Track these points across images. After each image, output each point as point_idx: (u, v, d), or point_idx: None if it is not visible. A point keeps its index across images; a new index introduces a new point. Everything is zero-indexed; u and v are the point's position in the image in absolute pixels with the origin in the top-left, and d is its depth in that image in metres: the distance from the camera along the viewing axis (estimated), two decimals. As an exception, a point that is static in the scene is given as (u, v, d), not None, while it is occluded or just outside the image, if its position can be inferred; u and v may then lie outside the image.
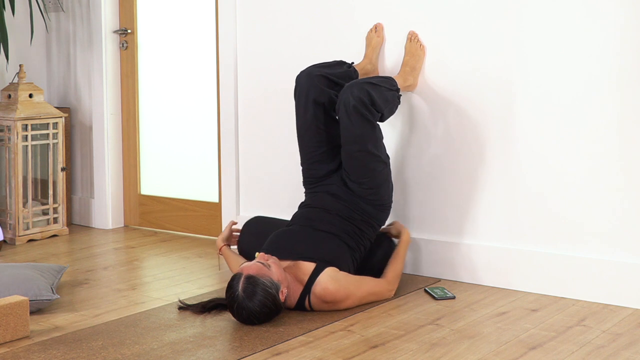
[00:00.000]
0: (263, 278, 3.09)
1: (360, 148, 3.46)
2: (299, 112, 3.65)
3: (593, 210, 3.45)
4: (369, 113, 3.44)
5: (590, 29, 3.40)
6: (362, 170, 3.50)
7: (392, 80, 3.63)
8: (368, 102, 3.43)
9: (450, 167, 3.79)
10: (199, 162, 4.80)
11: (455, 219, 3.79)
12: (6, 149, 4.70)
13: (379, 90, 3.49)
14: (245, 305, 3.07)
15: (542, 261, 3.56)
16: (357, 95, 3.41)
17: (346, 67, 3.76)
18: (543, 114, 3.53)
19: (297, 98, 3.64)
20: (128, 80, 5.02)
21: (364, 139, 3.45)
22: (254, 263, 3.15)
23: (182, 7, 4.82)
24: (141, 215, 5.04)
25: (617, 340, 2.97)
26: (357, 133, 3.44)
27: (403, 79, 3.74)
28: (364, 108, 3.42)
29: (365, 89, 3.44)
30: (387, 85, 3.57)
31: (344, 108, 3.44)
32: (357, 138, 3.45)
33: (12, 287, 3.28)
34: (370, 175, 3.50)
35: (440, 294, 3.51)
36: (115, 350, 2.88)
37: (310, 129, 3.63)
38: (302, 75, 3.63)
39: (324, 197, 3.59)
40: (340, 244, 3.42)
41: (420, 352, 2.85)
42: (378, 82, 3.54)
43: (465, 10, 3.69)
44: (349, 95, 3.42)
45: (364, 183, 3.51)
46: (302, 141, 3.68)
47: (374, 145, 3.48)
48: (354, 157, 3.49)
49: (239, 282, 3.09)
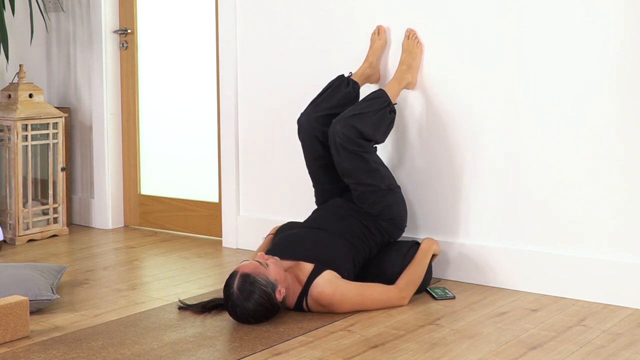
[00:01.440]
0: (259, 277, 3.09)
1: (354, 181, 3.54)
2: (306, 154, 3.74)
3: (593, 211, 3.45)
4: (358, 147, 3.48)
5: (590, 29, 3.40)
6: (362, 199, 3.56)
7: (380, 98, 3.60)
8: (355, 136, 3.47)
9: (450, 167, 3.78)
10: (199, 162, 4.80)
11: (456, 219, 3.79)
12: (6, 149, 4.70)
13: (365, 118, 3.52)
14: (240, 304, 3.07)
15: (542, 261, 3.56)
16: (341, 132, 3.46)
17: (344, 87, 3.75)
18: (543, 113, 3.53)
19: (302, 141, 3.73)
20: (128, 80, 5.02)
21: (356, 173, 3.51)
22: (251, 262, 3.16)
23: (182, 7, 4.82)
24: (141, 215, 5.04)
25: (617, 340, 2.97)
26: (348, 168, 3.51)
27: (398, 82, 3.73)
28: (350, 144, 3.47)
29: (349, 124, 3.48)
30: (375, 107, 3.57)
31: (332, 145, 3.51)
32: (349, 172, 3.52)
33: (12, 287, 3.28)
34: (372, 202, 3.55)
35: (441, 294, 3.51)
36: (115, 350, 2.88)
37: (321, 168, 3.72)
38: (302, 119, 3.71)
39: (336, 200, 3.66)
40: (343, 245, 3.42)
41: (420, 352, 2.85)
42: (363, 109, 3.55)
43: (465, 10, 3.69)
44: (334, 133, 3.49)
45: (369, 208, 3.56)
46: (315, 178, 3.77)
47: (368, 176, 3.52)
48: (352, 189, 3.58)
49: (234, 280, 3.10)
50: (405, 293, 3.39)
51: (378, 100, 3.60)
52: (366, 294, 3.31)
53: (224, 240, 4.55)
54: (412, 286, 3.42)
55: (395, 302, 3.37)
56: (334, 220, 3.53)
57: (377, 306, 3.34)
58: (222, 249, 4.50)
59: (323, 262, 3.30)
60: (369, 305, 3.32)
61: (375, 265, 3.52)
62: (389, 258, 3.51)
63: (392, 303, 3.37)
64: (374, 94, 3.64)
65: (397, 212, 3.59)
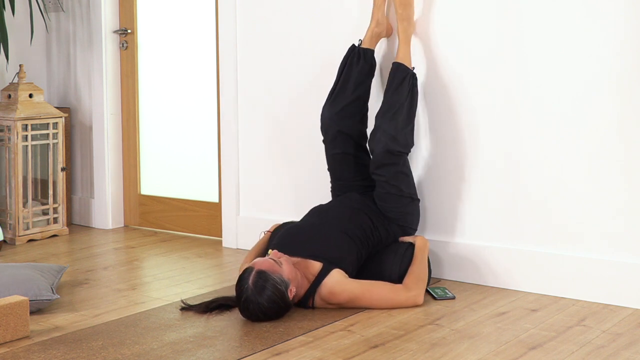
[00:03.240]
0: (274, 274, 3.12)
1: (385, 179, 3.59)
2: (327, 148, 3.80)
3: (593, 211, 3.45)
4: (398, 157, 3.57)
5: (590, 30, 3.40)
6: (385, 198, 3.63)
7: (404, 79, 3.65)
8: (396, 148, 3.56)
9: (449, 168, 3.78)
10: (199, 162, 4.80)
11: (456, 219, 3.79)
12: (6, 149, 4.70)
13: (400, 115, 3.60)
14: (254, 299, 3.09)
15: (542, 261, 3.56)
16: (384, 149, 3.55)
17: (356, 63, 3.76)
18: (543, 113, 3.53)
19: (324, 134, 3.79)
20: (128, 80, 5.02)
21: (389, 172, 3.58)
22: (266, 259, 3.19)
23: (182, 7, 4.82)
24: (141, 215, 5.04)
25: (617, 340, 2.97)
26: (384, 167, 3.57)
27: (406, 43, 3.74)
28: (392, 156, 3.55)
29: (389, 136, 3.55)
30: (404, 92, 3.63)
31: (375, 155, 3.57)
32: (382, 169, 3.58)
33: (12, 287, 3.28)
34: (392, 205, 3.62)
35: (441, 294, 3.51)
36: (115, 350, 2.88)
37: (342, 163, 3.77)
38: (325, 115, 3.77)
39: (352, 194, 3.70)
40: (348, 241, 3.42)
41: (420, 352, 2.85)
42: (395, 104, 3.60)
43: (465, 10, 3.69)
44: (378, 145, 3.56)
45: (387, 209, 3.62)
46: (334, 173, 3.82)
47: (397, 178, 3.60)
48: (379, 186, 3.63)
49: (249, 276, 3.11)
50: (415, 292, 3.37)
51: (403, 83, 3.65)
52: (374, 293, 3.32)
53: (224, 240, 4.55)
54: (422, 283, 3.41)
55: (406, 302, 3.35)
56: (343, 214, 3.54)
57: (386, 305, 3.33)
58: (222, 249, 4.50)
59: (330, 261, 3.31)
60: (377, 304, 3.32)
61: (374, 266, 3.53)
62: (387, 259, 3.51)
63: (402, 302, 3.35)
64: (396, 76, 3.67)
65: (410, 222, 3.65)
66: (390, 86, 3.68)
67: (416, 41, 3.81)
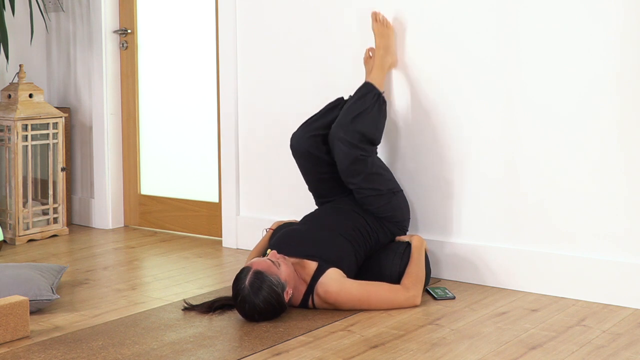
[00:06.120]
0: (271, 275, 3.12)
1: (358, 186, 3.60)
2: (303, 173, 3.80)
3: (593, 210, 3.45)
4: (362, 151, 3.57)
5: (591, 30, 3.40)
6: (366, 202, 3.62)
7: (370, 93, 3.67)
8: (358, 141, 3.57)
9: (449, 168, 3.78)
10: (199, 162, 4.80)
11: (456, 219, 3.79)
12: (6, 149, 4.70)
13: (364, 118, 3.61)
14: (249, 299, 3.09)
15: (542, 261, 3.56)
16: (344, 138, 3.56)
17: (339, 108, 3.76)
18: (543, 114, 3.53)
19: (297, 160, 3.79)
20: (128, 80, 5.02)
21: (359, 178, 3.58)
22: (265, 260, 3.19)
23: (182, 7, 4.82)
24: (141, 215, 5.04)
25: (617, 340, 2.97)
26: (352, 173, 3.57)
27: (380, 69, 3.76)
28: (355, 149, 3.55)
29: (351, 129, 3.56)
30: (368, 102, 3.64)
31: (336, 152, 3.57)
32: (353, 177, 3.58)
33: (12, 287, 3.28)
34: (377, 206, 3.60)
35: (441, 294, 3.51)
36: (115, 350, 2.88)
37: (320, 182, 3.77)
38: (293, 141, 3.76)
39: (343, 199, 3.71)
40: (345, 241, 3.43)
41: (420, 352, 2.85)
42: (358, 108, 3.62)
43: (464, 10, 3.69)
44: (337, 139, 3.56)
45: (374, 211, 3.61)
46: (316, 192, 3.82)
47: (370, 180, 3.59)
48: (356, 193, 3.63)
49: (246, 275, 3.12)
50: (414, 292, 3.37)
51: (369, 95, 3.66)
52: (372, 293, 3.31)
53: (224, 240, 4.55)
54: (419, 283, 3.40)
55: (404, 302, 3.35)
56: (337, 216, 3.55)
57: (384, 305, 3.33)
58: (222, 249, 4.50)
59: (326, 260, 3.31)
60: (375, 304, 3.32)
61: (373, 266, 3.53)
62: (387, 259, 3.51)
63: (401, 303, 3.34)
64: (362, 90, 3.69)
65: (400, 217, 3.65)
66: (351, 98, 3.71)
67: (413, 37, 3.81)
